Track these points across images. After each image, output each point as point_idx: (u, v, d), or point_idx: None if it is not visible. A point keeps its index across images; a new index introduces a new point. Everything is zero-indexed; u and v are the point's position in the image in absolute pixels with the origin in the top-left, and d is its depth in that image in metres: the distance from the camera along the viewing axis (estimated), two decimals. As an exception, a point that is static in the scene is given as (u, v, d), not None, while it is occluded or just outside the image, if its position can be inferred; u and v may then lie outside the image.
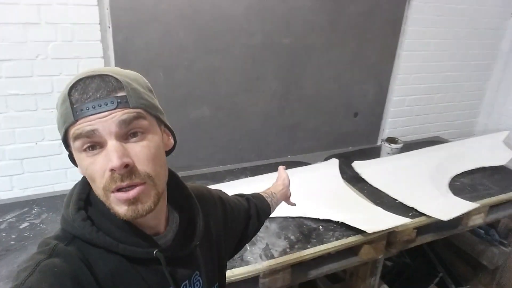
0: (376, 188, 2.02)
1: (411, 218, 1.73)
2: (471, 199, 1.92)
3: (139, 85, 0.63)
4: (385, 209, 1.79)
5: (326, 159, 2.33)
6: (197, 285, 0.75)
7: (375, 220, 1.66)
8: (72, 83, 0.58)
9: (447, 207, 1.79)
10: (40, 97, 1.71)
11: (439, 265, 2.47)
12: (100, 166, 0.58)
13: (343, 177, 2.10)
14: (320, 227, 1.67)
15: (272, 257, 1.46)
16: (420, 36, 2.53)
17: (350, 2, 2.24)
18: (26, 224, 1.60)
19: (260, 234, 1.62)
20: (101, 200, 0.61)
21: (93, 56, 1.73)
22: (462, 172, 2.25)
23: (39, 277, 0.54)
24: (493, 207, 2.02)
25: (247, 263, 1.43)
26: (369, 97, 2.56)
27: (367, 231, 1.56)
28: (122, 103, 0.58)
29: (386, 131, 2.72)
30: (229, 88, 2.11)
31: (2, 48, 1.58)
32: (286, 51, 2.18)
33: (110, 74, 0.59)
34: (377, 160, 2.33)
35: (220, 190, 0.99)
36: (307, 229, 1.65)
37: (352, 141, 2.64)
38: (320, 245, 1.54)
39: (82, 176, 0.65)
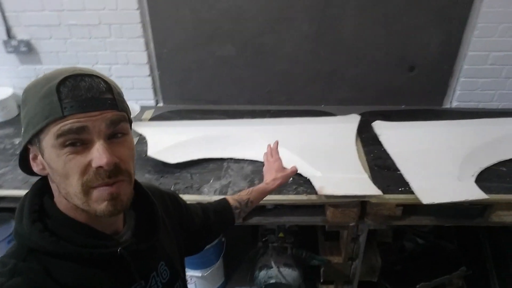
0: (387, 154, 1.79)
1: (394, 194, 1.53)
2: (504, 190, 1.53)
3: (121, 91, 0.67)
4: (376, 178, 1.61)
5: (362, 115, 2.12)
6: (164, 273, 0.78)
7: (343, 184, 1.53)
8: (60, 79, 0.58)
9: (444, 190, 1.48)
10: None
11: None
12: (82, 163, 0.59)
13: (361, 137, 1.93)
14: (291, 179, 1.64)
15: (225, 194, 1.58)
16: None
17: None
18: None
19: (230, 172, 1.73)
20: (72, 199, 0.61)
21: None
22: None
23: None
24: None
25: (201, 193, 1.59)
26: (432, 49, 2.10)
27: (318, 191, 1.49)
28: (111, 105, 0.61)
29: (457, 92, 2.22)
30: (254, 28, 2.09)
31: None
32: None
33: (99, 76, 0.62)
34: (406, 124, 1.99)
35: (175, 192, 1.05)
36: (276, 178, 1.66)
37: (405, 98, 2.28)
38: (276, 195, 1.56)
39: (32, 185, 0.68)
